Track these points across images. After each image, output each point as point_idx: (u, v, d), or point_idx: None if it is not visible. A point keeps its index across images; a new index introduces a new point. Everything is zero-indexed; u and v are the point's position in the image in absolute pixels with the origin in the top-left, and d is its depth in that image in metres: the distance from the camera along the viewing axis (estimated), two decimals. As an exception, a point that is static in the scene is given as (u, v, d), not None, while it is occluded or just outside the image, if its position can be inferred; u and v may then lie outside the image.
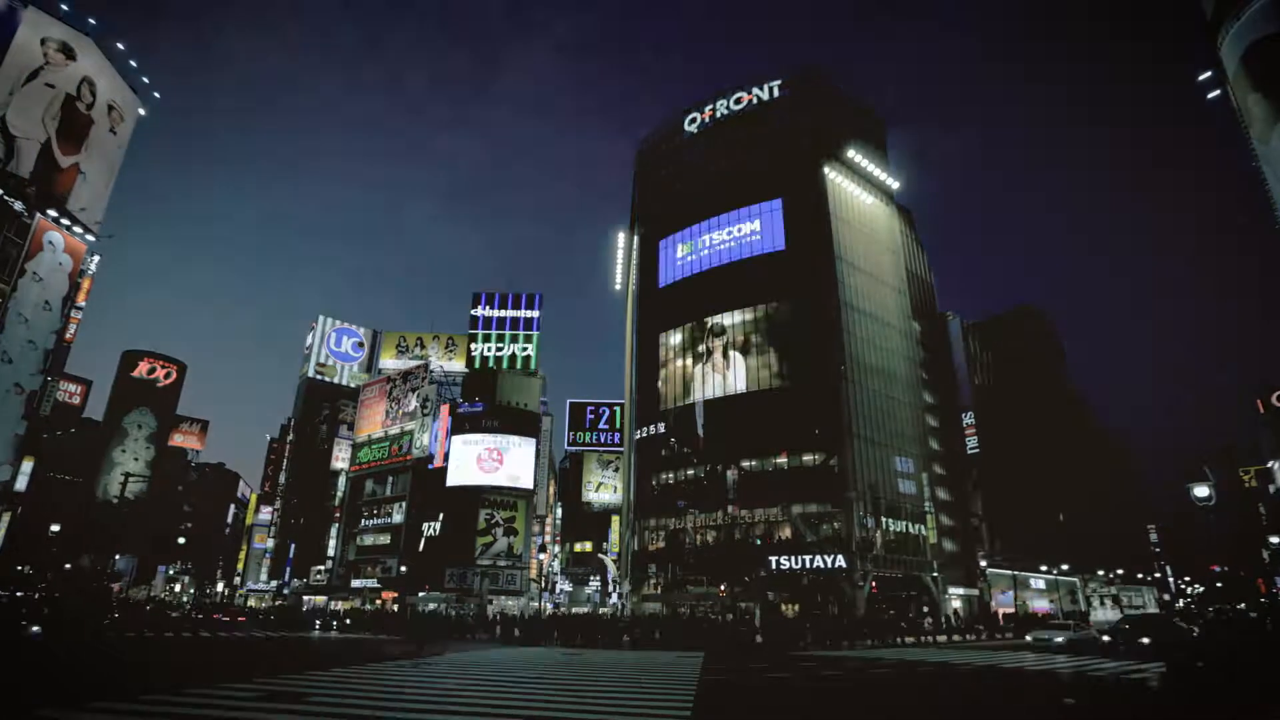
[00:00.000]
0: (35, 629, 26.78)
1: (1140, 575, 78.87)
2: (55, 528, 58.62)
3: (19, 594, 39.06)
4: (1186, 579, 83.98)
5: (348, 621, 50.25)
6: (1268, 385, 60.04)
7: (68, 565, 71.73)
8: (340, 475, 77.49)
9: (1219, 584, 76.73)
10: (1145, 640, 23.13)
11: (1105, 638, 25.31)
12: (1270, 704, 14.28)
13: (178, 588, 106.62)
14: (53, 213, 40.91)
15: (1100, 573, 75.26)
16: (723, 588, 49.00)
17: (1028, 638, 23.24)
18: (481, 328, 76.92)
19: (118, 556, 78.73)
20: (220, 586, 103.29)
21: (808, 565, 47.54)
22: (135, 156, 48.36)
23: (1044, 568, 63.57)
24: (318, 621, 50.56)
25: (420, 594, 60.65)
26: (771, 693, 15.12)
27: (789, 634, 36.20)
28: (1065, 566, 65.83)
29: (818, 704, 13.99)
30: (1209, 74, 40.03)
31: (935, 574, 52.45)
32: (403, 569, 62.22)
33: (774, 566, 48.52)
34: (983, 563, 58.28)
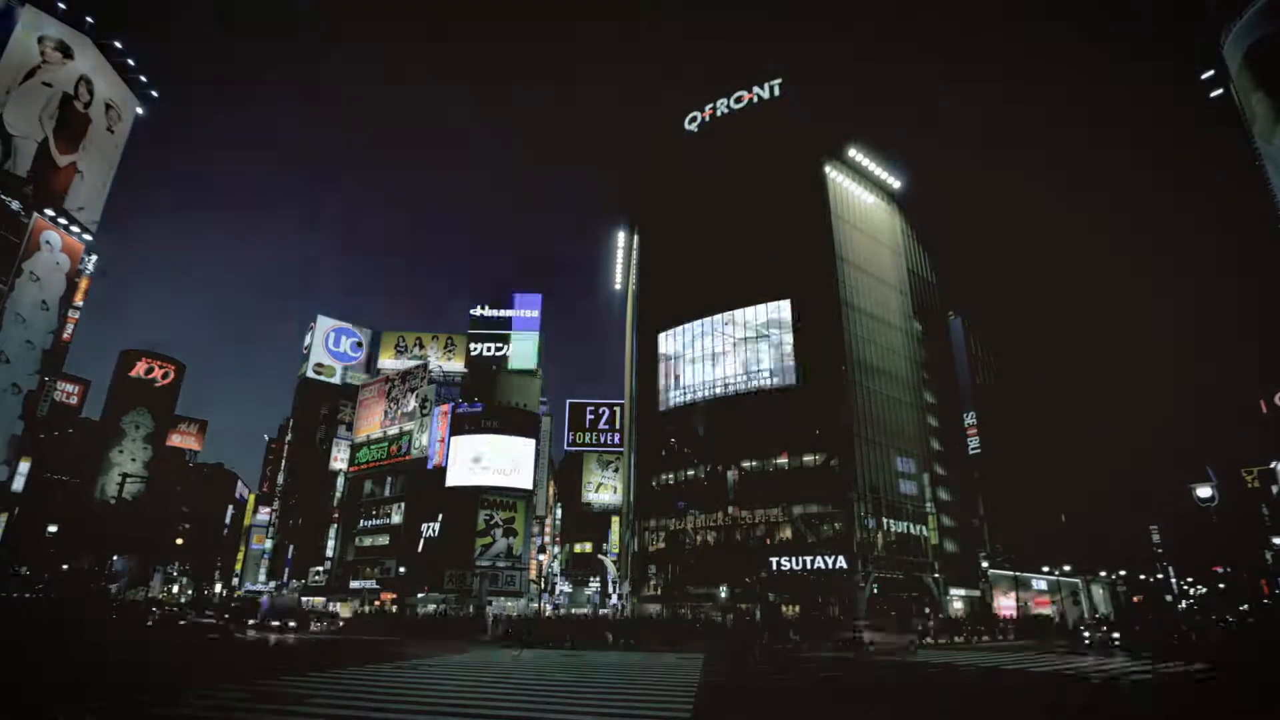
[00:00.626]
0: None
1: (1143, 576, 78.68)
2: (53, 528, 58.33)
3: (16, 595, 38.75)
4: (1189, 580, 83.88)
5: (291, 624, 42.30)
6: (1271, 384, 59.85)
7: (65, 566, 71.45)
8: (339, 476, 77.17)
9: (1221, 585, 76.56)
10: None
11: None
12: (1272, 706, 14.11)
13: (175, 589, 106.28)
14: (50, 212, 40.69)
15: (1103, 574, 75.06)
16: (723, 589, 48.84)
17: None
18: (481, 327, 76.74)
19: (115, 557, 78.43)
20: (218, 587, 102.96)
21: (809, 566, 47.35)
22: (134, 154, 48.15)
23: (1046, 569, 63.40)
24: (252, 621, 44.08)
25: (419, 595, 60.40)
26: (773, 694, 14.92)
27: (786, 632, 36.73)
28: (1067, 567, 65.65)
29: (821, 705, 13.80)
30: (1211, 72, 40.03)
31: (936, 575, 52.24)
32: (401, 570, 61.95)
33: (775, 567, 48.33)
34: (984, 564, 58.08)
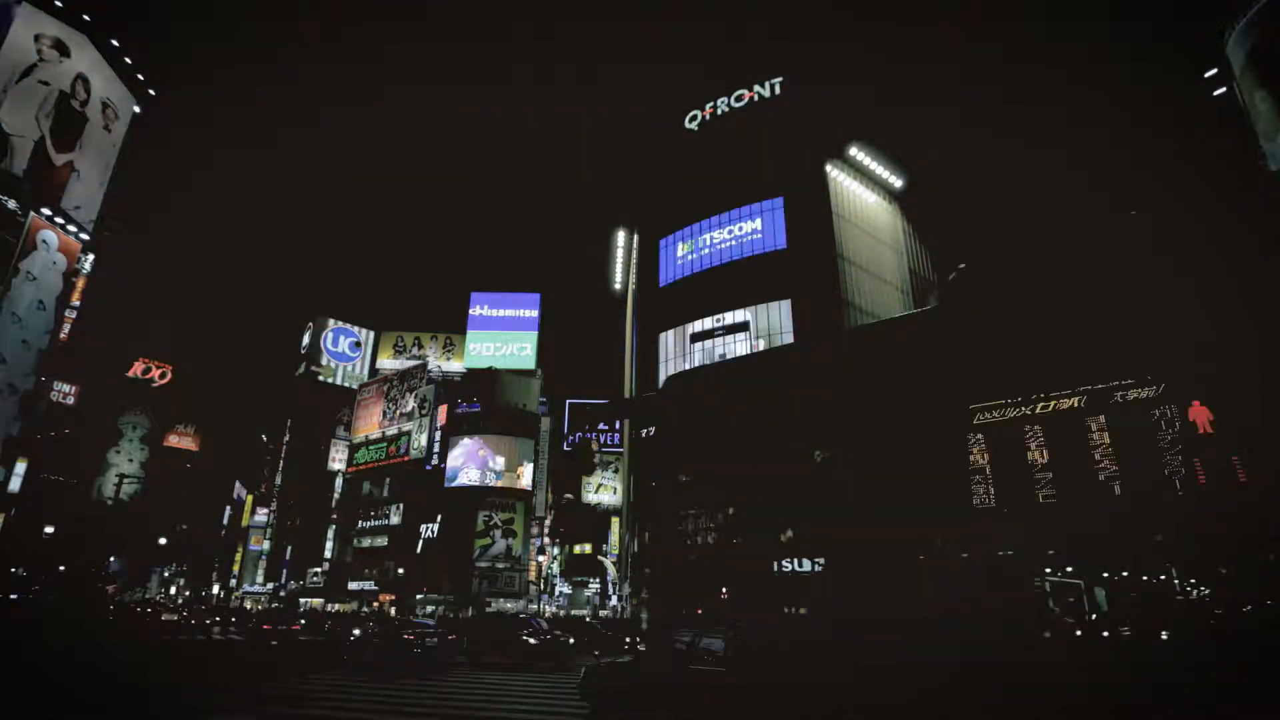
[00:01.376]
0: None
1: (1145, 577, 78.66)
2: (49, 529, 58.10)
3: (13, 596, 38.46)
4: (1192, 581, 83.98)
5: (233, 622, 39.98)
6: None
7: (62, 568, 71.12)
8: (337, 476, 76.97)
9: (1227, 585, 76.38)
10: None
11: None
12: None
13: (173, 590, 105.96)
14: (47, 211, 40.39)
15: (1104, 574, 74.87)
16: (724, 590, 48.53)
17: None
18: (479, 327, 76.54)
19: (112, 558, 78.15)
20: (216, 589, 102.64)
21: (811, 568, 47.03)
22: (132, 153, 47.87)
23: (1048, 570, 63.17)
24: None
25: (419, 596, 60.15)
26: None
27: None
28: (1069, 569, 65.46)
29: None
30: (1214, 71, 39.83)
31: (938, 576, 52.00)
32: (400, 571, 61.74)
33: (775, 568, 48.02)
34: (985, 564, 57.88)
